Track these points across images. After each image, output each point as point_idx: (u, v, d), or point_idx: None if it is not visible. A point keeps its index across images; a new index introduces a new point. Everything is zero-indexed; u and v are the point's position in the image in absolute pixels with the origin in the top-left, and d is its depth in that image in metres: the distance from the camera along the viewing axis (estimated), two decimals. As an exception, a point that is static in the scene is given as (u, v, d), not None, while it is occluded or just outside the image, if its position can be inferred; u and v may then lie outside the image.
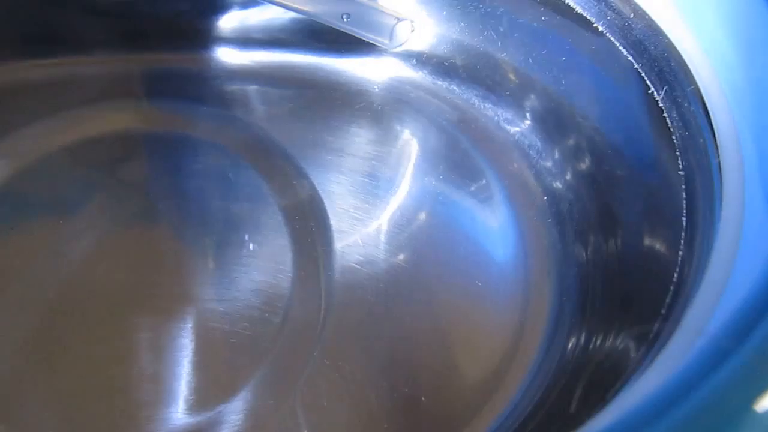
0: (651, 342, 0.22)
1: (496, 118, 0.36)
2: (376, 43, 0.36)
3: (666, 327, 0.21)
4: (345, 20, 0.34)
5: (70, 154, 0.34)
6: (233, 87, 0.37)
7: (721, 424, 0.14)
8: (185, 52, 0.37)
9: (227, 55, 0.38)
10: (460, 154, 0.36)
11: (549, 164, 0.34)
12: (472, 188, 0.35)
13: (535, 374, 0.29)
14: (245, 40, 0.37)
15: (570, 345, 0.29)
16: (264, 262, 0.31)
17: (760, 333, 0.15)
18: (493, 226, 0.34)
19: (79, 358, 0.28)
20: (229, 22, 0.37)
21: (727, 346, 0.15)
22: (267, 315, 0.30)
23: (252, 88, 0.37)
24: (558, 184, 0.33)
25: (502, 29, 0.34)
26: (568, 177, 0.33)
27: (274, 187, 0.34)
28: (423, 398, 0.28)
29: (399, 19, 0.35)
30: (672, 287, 0.23)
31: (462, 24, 0.35)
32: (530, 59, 0.34)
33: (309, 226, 0.33)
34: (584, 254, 0.31)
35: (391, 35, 0.36)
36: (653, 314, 0.23)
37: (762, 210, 0.20)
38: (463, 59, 0.36)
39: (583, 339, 0.28)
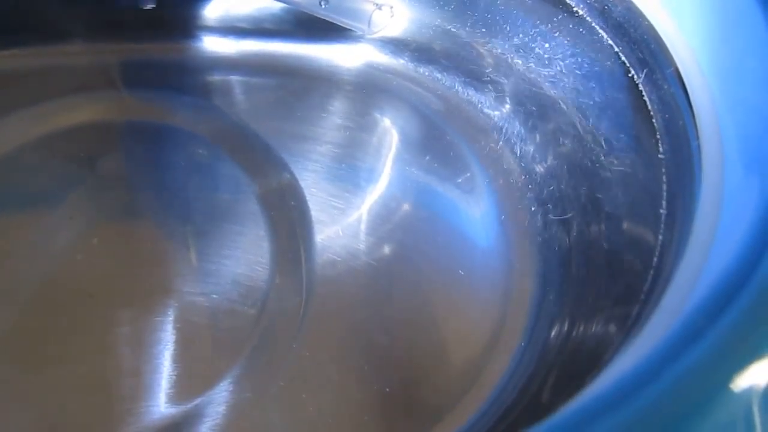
0: (631, 326, 0.22)
1: (478, 104, 0.36)
2: (354, 30, 0.36)
3: (645, 310, 0.21)
4: (322, 6, 0.34)
5: (48, 145, 0.34)
6: (213, 77, 0.37)
7: (694, 404, 0.14)
8: (164, 42, 0.37)
9: (206, 45, 0.37)
10: (442, 142, 0.35)
11: (531, 149, 0.34)
12: (454, 176, 0.34)
13: (518, 362, 0.28)
14: (224, 29, 0.37)
15: (553, 332, 0.29)
16: (243, 254, 0.31)
17: (733, 313, 0.15)
18: (476, 214, 0.33)
19: (57, 352, 0.28)
20: (208, 11, 0.37)
21: (699, 325, 0.14)
22: (246, 308, 0.29)
23: (232, 78, 0.37)
24: (541, 170, 0.33)
25: (480, 13, 0.34)
26: (550, 162, 0.33)
27: (254, 178, 0.33)
28: (405, 389, 0.28)
29: (377, 5, 0.35)
30: (652, 271, 0.23)
31: (440, 9, 0.35)
32: (510, 44, 0.34)
33: (289, 217, 0.32)
34: (567, 240, 0.31)
35: (369, 21, 0.35)
36: (634, 298, 0.23)
37: (740, 191, 0.20)
38: (442, 45, 0.36)
39: (565, 326, 0.28)
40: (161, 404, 0.27)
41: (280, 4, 0.36)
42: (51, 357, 0.28)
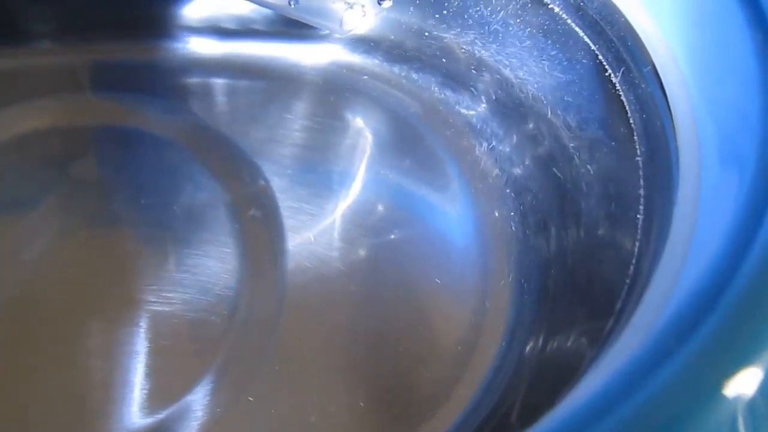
0: (607, 336, 0.22)
1: (455, 104, 0.35)
2: (325, 30, 0.35)
3: (622, 319, 0.21)
4: (292, 6, 0.33)
5: (17, 150, 0.33)
6: (183, 79, 0.36)
7: (678, 414, 0.14)
8: (133, 44, 0.36)
9: (176, 47, 0.36)
10: (417, 143, 0.35)
11: (508, 150, 0.33)
12: (430, 178, 0.34)
13: (494, 373, 0.28)
14: (195, 30, 0.36)
15: (529, 344, 0.28)
16: (214, 263, 0.30)
17: (704, 332, 0.14)
18: (453, 220, 0.33)
19: (24, 365, 0.28)
20: (178, 12, 0.36)
21: (669, 345, 0.14)
22: (217, 317, 0.29)
23: (203, 80, 0.36)
24: (518, 173, 0.33)
25: (453, 11, 0.33)
26: (528, 164, 0.32)
27: (226, 184, 0.33)
28: (378, 400, 0.28)
29: (349, 4, 0.34)
30: (628, 281, 0.22)
31: (413, 6, 0.34)
32: (485, 42, 0.33)
33: (261, 224, 0.32)
34: (545, 244, 0.30)
35: (340, 21, 0.35)
36: (610, 307, 0.23)
37: (717, 193, 0.20)
38: (416, 44, 0.35)
39: (542, 337, 0.28)
40: (133, 415, 0.27)
41: (250, 5, 0.35)
42: (18, 369, 0.28)
